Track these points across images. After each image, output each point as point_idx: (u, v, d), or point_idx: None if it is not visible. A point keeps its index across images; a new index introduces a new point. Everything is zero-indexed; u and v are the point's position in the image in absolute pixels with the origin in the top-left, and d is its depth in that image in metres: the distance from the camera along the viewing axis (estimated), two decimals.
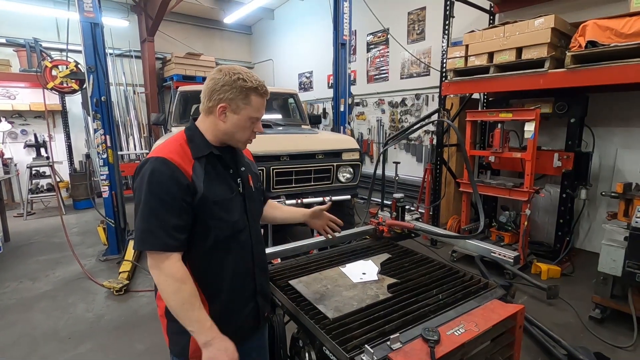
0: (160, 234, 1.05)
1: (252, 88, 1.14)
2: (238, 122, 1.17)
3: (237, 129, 1.18)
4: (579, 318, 2.93)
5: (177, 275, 1.07)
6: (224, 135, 1.19)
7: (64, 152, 7.80)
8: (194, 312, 1.07)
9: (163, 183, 1.06)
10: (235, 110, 1.15)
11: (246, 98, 1.14)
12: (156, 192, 1.06)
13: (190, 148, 1.16)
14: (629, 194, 2.85)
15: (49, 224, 6.03)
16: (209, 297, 1.20)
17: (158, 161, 1.08)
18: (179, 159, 1.11)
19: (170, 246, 1.06)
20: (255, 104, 1.16)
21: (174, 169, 1.08)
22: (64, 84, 4.45)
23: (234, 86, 1.12)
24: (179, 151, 1.14)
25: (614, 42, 2.96)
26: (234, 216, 1.20)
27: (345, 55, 5.45)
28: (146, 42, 8.35)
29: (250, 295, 1.31)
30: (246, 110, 1.15)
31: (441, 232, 1.94)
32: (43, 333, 2.92)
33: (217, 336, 1.10)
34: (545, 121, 4.14)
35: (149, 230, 1.05)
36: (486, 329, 1.26)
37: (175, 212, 1.07)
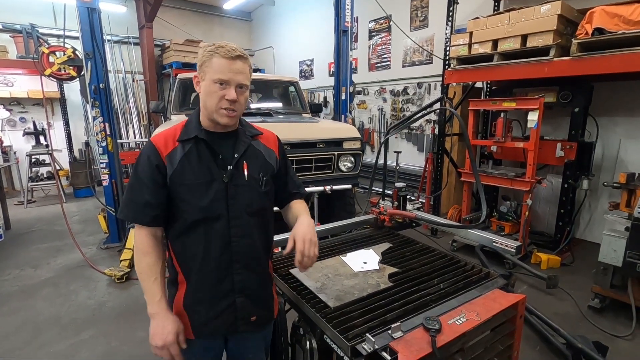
0: (133, 208, 1.18)
1: (213, 51, 1.13)
2: (205, 87, 1.16)
3: (206, 96, 1.16)
4: (578, 307, 2.95)
5: (140, 247, 1.19)
6: (204, 110, 1.20)
7: (64, 140, 7.75)
8: (148, 283, 1.17)
9: (141, 162, 1.19)
10: (203, 76, 1.17)
11: (209, 60, 1.13)
12: (136, 170, 1.19)
13: (181, 131, 1.23)
14: (632, 184, 2.83)
15: (49, 212, 6.03)
16: (186, 277, 1.25)
17: (147, 144, 1.22)
18: (161, 141, 1.20)
19: (139, 220, 1.18)
20: (216, 65, 1.12)
21: (152, 150, 1.18)
22: (61, 70, 4.39)
23: (203, 55, 1.16)
24: (169, 134, 1.22)
25: (621, 30, 2.89)
26: (203, 201, 1.18)
27: (346, 42, 5.36)
28: (144, 29, 8.22)
29: (226, 291, 1.24)
30: (209, 73, 1.13)
31: (443, 221, 1.93)
32: (45, 320, 2.95)
33: (162, 312, 1.18)
34: (549, 110, 4.09)
35: (125, 203, 1.20)
36: (487, 318, 1.26)
37: (147, 190, 1.16)
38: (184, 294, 1.24)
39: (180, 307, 1.25)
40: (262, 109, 4.50)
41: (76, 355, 2.53)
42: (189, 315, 1.24)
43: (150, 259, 1.19)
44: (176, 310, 1.25)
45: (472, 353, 1.24)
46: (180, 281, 1.25)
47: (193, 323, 1.25)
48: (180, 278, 1.25)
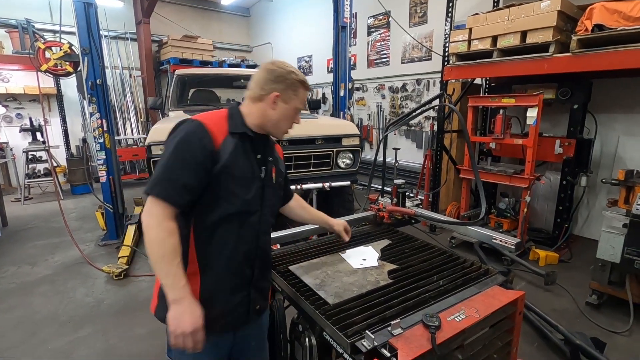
0: (170, 187, 1.10)
1: (301, 81, 1.26)
2: (286, 111, 1.27)
3: (283, 118, 1.27)
4: (576, 304, 2.96)
5: (166, 227, 1.09)
6: (269, 122, 1.27)
7: (60, 136, 7.71)
8: (172, 266, 1.08)
9: (190, 143, 1.13)
10: (286, 100, 1.25)
11: (296, 90, 1.26)
12: (181, 149, 1.12)
13: (228, 123, 1.23)
14: (630, 181, 2.83)
15: (46, 208, 6.00)
16: (202, 269, 1.21)
17: (194, 123, 1.17)
18: (213, 127, 1.18)
19: (173, 200, 1.10)
20: (302, 96, 1.28)
21: (205, 133, 1.15)
22: (58, 66, 4.35)
23: (287, 78, 1.23)
24: (217, 122, 1.21)
25: (621, 26, 2.88)
26: (248, 195, 1.23)
27: (345, 38, 5.33)
28: (142, 24, 8.16)
29: (243, 284, 1.27)
30: (294, 101, 1.27)
31: (442, 218, 1.92)
32: (43, 317, 2.94)
33: (188, 297, 1.09)
34: (548, 107, 4.08)
35: (162, 180, 1.11)
36: (487, 315, 1.25)
37: (190, 173, 1.11)
38: (200, 286, 1.19)
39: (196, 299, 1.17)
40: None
41: (74, 352, 2.52)
42: (204, 309, 1.15)
43: (175, 241, 1.10)
44: None
45: (471, 350, 1.24)
46: (191, 273, 1.18)
47: (208, 316, 1.16)
48: (191, 269, 1.19)
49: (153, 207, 1.09)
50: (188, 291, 1.10)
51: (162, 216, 1.09)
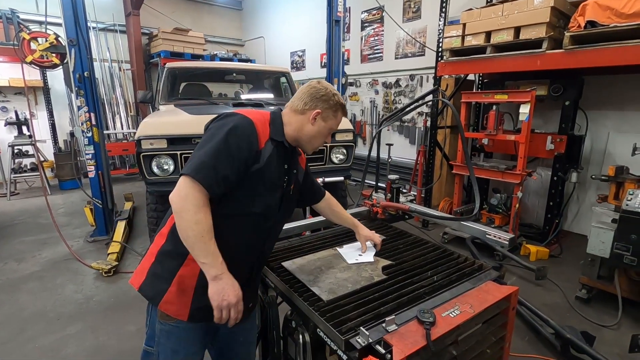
0: (213, 175, 1.09)
1: (342, 105, 1.34)
2: (322, 129, 1.32)
3: (318, 135, 1.33)
4: (566, 298, 3.00)
5: (205, 211, 1.10)
6: (304, 136, 1.32)
7: (48, 130, 7.53)
8: (210, 246, 1.10)
9: (240, 138, 1.15)
10: (325, 118, 1.31)
11: (336, 112, 1.33)
12: (231, 142, 1.12)
13: (270, 128, 1.26)
14: (620, 177, 2.87)
15: (33, 204, 5.88)
16: None
17: (246, 119, 1.19)
18: (260, 128, 1.21)
19: (212, 190, 1.10)
20: (339, 118, 1.36)
21: (254, 132, 1.18)
22: (43, 57, 4.23)
23: (331, 99, 1.30)
24: (263, 123, 1.25)
25: (613, 23, 2.90)
26: (271, 200, 1.28)
27: (339, 32, 5.29)
28: (131, 16, 7.98)
29: (244, 281, 1.27)
30: (332, 121, 1.33)
31: (437, 214, 1.92)
32: (31, 314, 2.88)
33: (226, 272, 1.13)
34: (540, 103, 4.11)
35: (208, 166, 1.09)
36: (481, 311, 1.25)
37: (234, 166, 1.13)
38: (199, 273, 1.18)
39: (192, 285, 1.21)
40: (252, 100, 4.42)
41: (63, 350, 2.47)
42: (195, 296, 1.21)
43: (210, 222, 1.11)
44: (181, 287, 1.21)
45: (465, 345, 1.24)
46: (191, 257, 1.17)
47: (196, 305, 1.21)
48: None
49: (192, 190, 1.08)
50: (225, 267, 1.13)
51: (200, 200, 1.09)
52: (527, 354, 2.35)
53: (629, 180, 2.81)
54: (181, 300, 1.21)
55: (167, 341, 1.26)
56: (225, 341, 1.40)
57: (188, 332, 1.27)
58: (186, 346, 1.28)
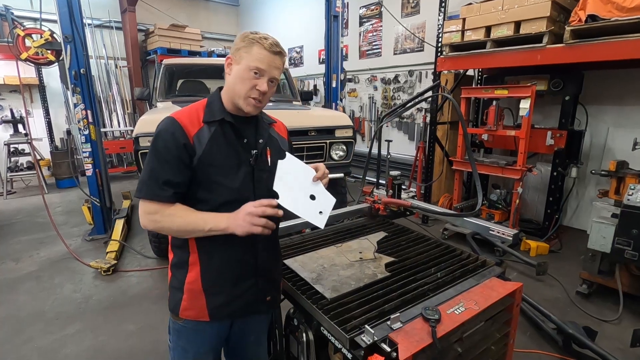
0: (153, 186, 1.11)
1: (256, 39, 1.14)
2: (237, 71, 1.15)
3: (237, 80, 1.15)
4: (567, 293, 3.00)
5: (166, 209, 1.12)
6: (229, 92, 1.19)
7: (44, 128, 7.47)
8: (196, 217, 1.12)
9: (164, 140, 1.12)
10: (238, 60, 1.16)
11: (248, 47, 1.14)
12: (157, 147, 1.12)
13: (204, 112, 1.19)
14: (621, 172, 2.86)
15: (30, 203, 5.83)
16: (202, 259, 1.20)
17: (166, 120, 1.15)
18: (186, 121, 1.15)
19: (160, 197, 1.11)
20: (255, 53, 1.13)
21: (176, 127, 1.13)
22: (39, 54, 4.18)
23: (242, 39, 1.16)
24: (191, 114, 1.18)
25: (614, 16, 2.88)
26: (234, 183, 1.18)
27: (337, 28, 5.25)
28: (127, 12, 7.90)
29: (249, 272, 1.25)
30: (245, 59, 1.14)
31: (439, 210, 1.90)
32: (29, 314, 2.85)
33: (226, 214, 1.13)
34: (539, 99, 4.09)
35: (143, 182, 1.12)
36: (486, 307, 1.24)
37: (169, 168, 1.11)
38: (201, 275, 1.20)
39: (198, 288, 1.21)
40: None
41: (62, 350, 2.45)
42: (207, 297, 1.21)
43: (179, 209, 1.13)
44: (192, 292, 1.21)
45: (470, 342, 1.22)
46: (192, 262, 1.21)
47: (212, 305, 1.22)
48: (192, 259, 1.21)
49: (146, 208, 1.12)
50: (222, 213, 1.13)
51: (156, 208, 1.11)
52: (530, 349, 2.35)
53: (630, 175, 2.81)
54: (196, 304, 1.22)
55: (178, 340, 1.29)
56: (236, 340, 1.38)
57: (197, 333, 1.26)
58: (195, 346, 1.28)
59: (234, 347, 1.42)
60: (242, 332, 1.37)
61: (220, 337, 1.33)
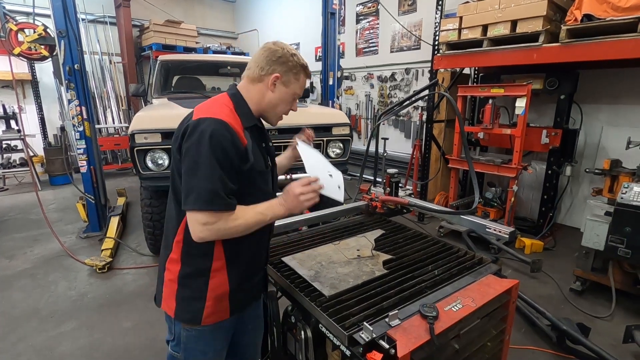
0: (224, 196, 1.07)
1: (304, 66, 1.22)
2: (285, 95, 1.21)
3: (281, 102, 1.22)
4: (560, 290, 3.03)
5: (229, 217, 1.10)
6: (266, 106, 1.22)
7: (37, 124, 7.37)
8: (255, 210, 1.14)
9: (225, 147, 1.06)
10: (286, 83, 1.20)
11: (297, 74, 1.21)
12: (218, 154, 1.05)
13: (239, 116, 1.17)
14: (615, 170, 2.89)
15: (23, 200, 5.77)
16: (229, 261, 1.21)
17: (218, 123, 1.07)
18: (235, 124, 1.11)
19: (231, 206, 1.09)
20: (302, 81, 1.24)
21: (233, 133, 1.09)
22: (32, 49, 4.11)
23: (290, 60, 1.18)
24: (232, 117, 1.14)
25: (610, 16, 2.90)
26: (268, 186, 1.26)
27: (334, 25, 5.24)
28: (121, 8, 7.81)
29: (261, 264, 1.37)
30: (294, 85, 1.21)
31: (436, 207, 1.91)
32: (23, 312, 2.83)
33: (277, 200, 1.18)
34: (535, 97, 4.12)
35: (216, 192, 1.05)
36: (483, 304, 1.25)
37: (232, 177, 1.09)
38: (229, 278, 1.21)
39: (225, 291, 1.21)
40: None
41: (57, 348, 2.43)
42: (231, 297, 1.24)
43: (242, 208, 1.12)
44: (217, 297, 1.20)
45: (467, 339, 1.24)
46: (216, 268, 1.19)
47: (234, 303, 1.25)
48: (217, 265, 1.19)
49: (203, 218, 1.05)
50: (275, 200, 1.18)
51: (220, 218, 1.07)
52: (524, 345, 2.38)
53: (624, 174, 2.84)
54: (221, 307, 1.23)
55: (196, 345, 1.26)
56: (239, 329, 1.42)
57: (216, 332, 1.28)
58: (214, 345, 1.30)
59: (236, 338, 1.44)
60: (243, 321, 1.41)
61: (233, 329, 1.36)
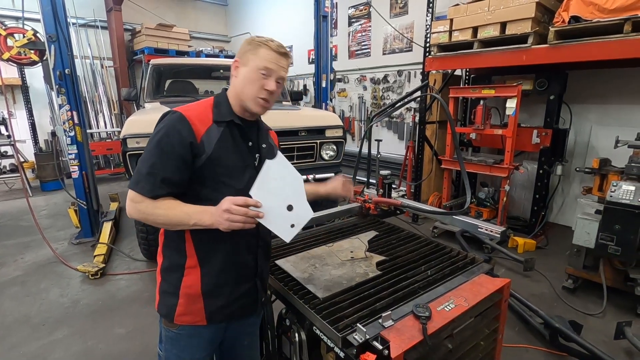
0: (151, 182, 1.08)
1: (262, 42, 1.16)
2: (247, 73, 1.16)
3: (246, 82, 1.16)
4: (553, 288, 3.07)
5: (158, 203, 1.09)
6: (238, 93, 1.19)
7: (27, 130, 7.29)
8: (183, 208, 1.09)
9: (170, 136, 1.10)
10: (245, 63, 1.17)
11: (255, 50, 1.16)
12: (161, 142, 1.10)
13: (213, 112, 1.19)
14: (604, 169, 2.94)
15: (14, 206, 5.69)
16: (202, 263, 1.20)
17: (174, 115, 1.13)
18: (195, 118, 1.14)
19: (156, 195, 1.09)
20: (263, 54, 1.15)
21: (185, 125, 1.11)
22: (21, 54, 4.09)
23: (248, 42, 1.18)
24: (200, 112, 1.17)
25: (596, 18, 2.95)
26: (239, 184, 1.18)
27: (327, 28, 5.26)
28: (112, 11, 7.77)
29: (249, 275, 1.28)
30: (254, 61, 1.15)
31: (429, 208, 1.93)
32: (14, 320, 2.79)
33: (210, 208, 1.09)
34: (525, 98, 4.17)
35: (142, 174, 1.09)
36: (475, 304, 1.26)
37: (170, 166, 1.09)
38: (201, 279, 1.19)
39: (196, 292, 1.19)
40: None
41: (50, 355, 2.40)
42: (205, 301, 1.20)
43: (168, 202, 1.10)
44: (189, 297, 1.20)
45: (460, 338, 1.25)
46: (190, 266, 1.19)
47: (210, 308, 1.21)
48: (190, 263, 1.19)
49: (134, 196, 1.09)
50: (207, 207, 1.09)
51: (149, 203, 1.09)
52: (518, 344, 2.40)
53: (613, 172, 2.88)
54: (194, 308, 1.20)
55: (172, 347, 1.27)
56: (230, 344, 1.37)
57: (192, 338, 1.25)
58: (191, 352, 1.27)
59: (227, 351, 1.40)
60: (237, 335, 1.36)
61: (216, 342, 1.32)
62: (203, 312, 1.21)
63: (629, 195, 2.51)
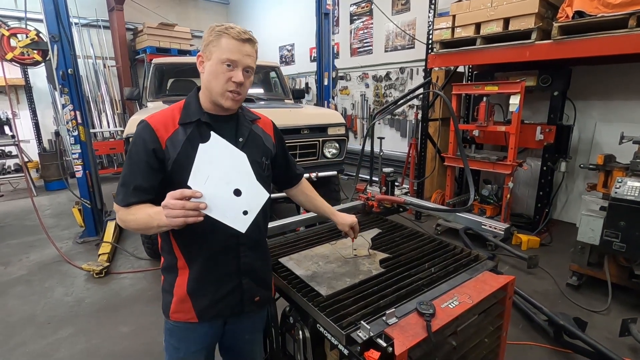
0: (125, 192, 1.11)
1: (222, 31, 1.09)
2: (211, 67, 1.11)
3: (212, 76, 1.12)
4: (557, 285, 3.05)
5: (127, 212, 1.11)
6: (206, 89, 1.15)
7: (31, 129, 7.33)
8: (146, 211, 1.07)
9: (137, 145, 1.12)
10: (208, 56, 1.12)
11: (216, 40, 1.10)
12: (131, 152, 1.13)
13: (181, 114, 1.17)
14: (609, 165, 2.92)
15: (18, 206, 5.73)
16: (188, 263, 1.21)
17: (140, 125, 1.15)
18: (159, 124, 1.14)
19: (128, 203, 1.11)
20: (224, 45, 1.09)
21: (148, 132, 1.12)
22: (24, 54, 4.09)
23: (209, 33, 1.12)
24: (166, 117, 1.16)
25: (601, 13, 2.93)
26: None
27: (328, 26, 5.24)
28: (114, 11, 7.77)
29: (232, 273, 1.23)
30: (217, 52, 1.09)
31: (432, 206, 1.92)
32: (20, 319, 2.81)
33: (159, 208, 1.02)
34: (529, 94, 4.14)
35: (119, 187, 1.13)
36: (479, 301, 1.26)
37: (138, 175, 1.11)
38: (187, 279, 1.21)
39: (184, 292, 1.21)
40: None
41: (54, 354, 2.42)
42: (192, 300, 1.22)
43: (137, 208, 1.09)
44: (179, 296, 1.22)
45: (464, 335, 1.24)
46: (180, 267, 1.22)
47: (198, 307, 1.22)
48: (180, 264, 1.21)
49: (117, 210, 1.14)
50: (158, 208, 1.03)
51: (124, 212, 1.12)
52: (522, 341, 2.39)
53: (617, 169, 2.86)
54: (184, 307, 1.22)
55: (169, 338, 1.30)
56: (231, 339, 1.38)
57: (187, 332, 1.27)
58: (186, 345, 1.28)
59: (229, 346, 1.42)
60: (236, 331, 1.36)
61: (213, 336, 1.33)
62: (193, 310, 1.22)
63: (634, 192, 2.49)
